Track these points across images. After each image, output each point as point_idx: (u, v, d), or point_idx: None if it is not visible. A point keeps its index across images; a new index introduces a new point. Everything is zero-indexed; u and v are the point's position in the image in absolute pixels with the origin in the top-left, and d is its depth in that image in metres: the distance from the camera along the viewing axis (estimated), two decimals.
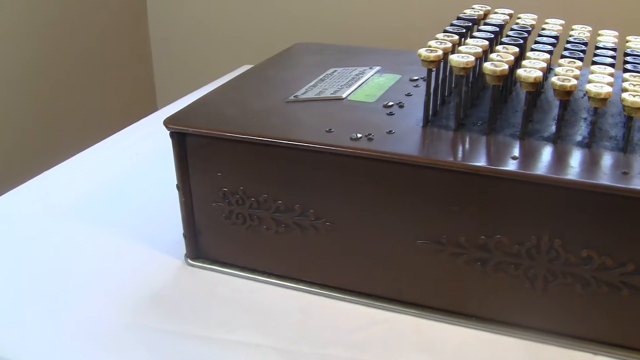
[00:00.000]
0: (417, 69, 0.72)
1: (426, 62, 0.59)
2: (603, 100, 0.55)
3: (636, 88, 0.57)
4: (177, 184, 0.65)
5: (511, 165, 0.54)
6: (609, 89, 0.56)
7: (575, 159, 0.55)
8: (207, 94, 0.71)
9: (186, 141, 0.63)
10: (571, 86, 0.56)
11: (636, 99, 0.54)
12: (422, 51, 0.59)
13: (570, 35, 0.71)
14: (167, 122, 0.62)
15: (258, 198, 0.62)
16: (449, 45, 0.62)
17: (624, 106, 0.55)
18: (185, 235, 0.67)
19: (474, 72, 0.65)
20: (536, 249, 0.55)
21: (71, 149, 0.94)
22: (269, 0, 1.44)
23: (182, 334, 0.59)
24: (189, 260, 0.68)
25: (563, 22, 0.74)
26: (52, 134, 1.37)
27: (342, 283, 0.63)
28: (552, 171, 0.53)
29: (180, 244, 0.68)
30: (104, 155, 0.93)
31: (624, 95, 0.55)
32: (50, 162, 0.90)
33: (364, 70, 0.75)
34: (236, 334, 0.59)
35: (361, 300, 0.62)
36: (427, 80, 0.60)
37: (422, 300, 0.61)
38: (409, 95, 0.68)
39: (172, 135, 0.63)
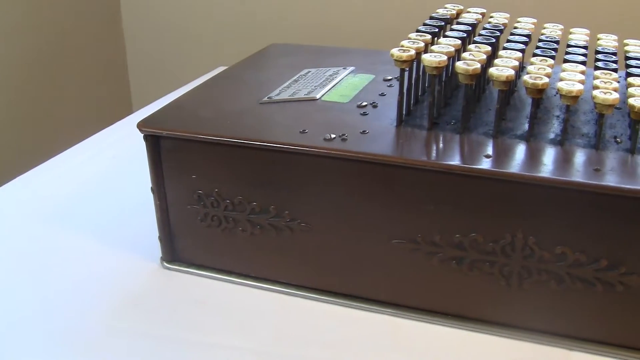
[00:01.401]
0: (390, 69, 0.73)
1: (399, 61, 0.59)
2: (574, 98, 0.56)
3: (607, 85, 0.57)
4: (151, 187, 0.65)
5: (485, 164, 0.54)
6: (580, 86, 0.56)
7: (548, 156, 0.56)
8: (181, 96, 0.70)
9: (160, 144, 0.62)
10: (543, 84, 0.56)
11: (607, 96, 0.55)
12: (395, 51, 0.59)
13: (542, 34, 0.71)
14: (141, 125, 0.62)
15: (233, 200, 0.62)
16: (422, 44, 0.62)
17: (595, 103, 0.56)
18: (160, 239, 0.67)
19: (447, 72, 0.65)
20: (511, 246, 0.55)
21: (46, 153, 0.93)
22: (244, 1, 1.44)
23: (159, 337, 0.59)
24: (164, 264, 0.68)
25: (535, 20, 0.74)
26: (27, 137, 1.36)
27: (318, 284, 0.63)
28: (525, 169, 0.54)
29: (156, 247, 0.68)
30: (79, 159, 0.92)
31: (595, 92, 0.56)
32: (25, 165, 0.89)
33: (338, 70, 0.76)
34: (213, 337, 0.59)
35: (337, 300, 0.63)
36: (400, 80, 0.60)
37: (399, 299, 0.61)
38: (382, 95, 0.68)
39: (145, 138, 0.62)
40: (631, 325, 0.56)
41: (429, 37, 0.64)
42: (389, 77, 0.73)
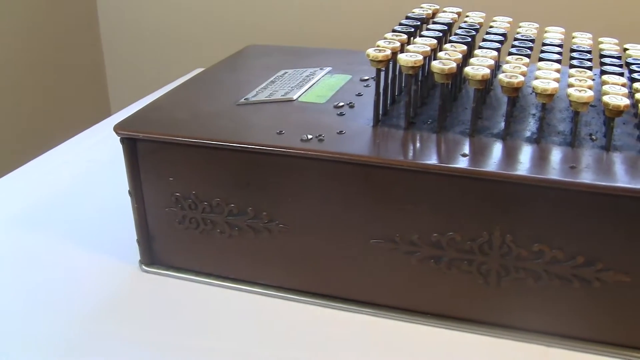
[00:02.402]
0: (367, 69, 0.73)
1: (375, 62, 0.59)
2: (550, 96, 0.56)
3: (582, 83, 0.57)
4: (129, 190, 0.64)
5: (461, 163, 0.54)
6: (555, 84, 0.56)
7: (524, 154, 0.56)
8: (158, 98, 0.70)
9: (137, 147, 0.62)
10: (518, 83, 0.56)
11: (581, 94, 0.55)
12: (371, 51, 0.59)
13: (518, 33, 0.71)
14: (117, 128, 0.62)
15: (211, 202, 0.62)
16: (398, 44, 0.62)
17: (570, 101, 0.56)
18: (138, 242, 0.67)
19: (423, 71, 0.65)
20: (488, 244, 0.56)
21: (24, 157, 0.93)
22: (221, 3, 1.44)
23: (138, 341, 0.58)
24: (143, 267, 0.68)
25: (511, 20, 0.74)
26: (4, 140, 1.35)
27: (297, 284, 0.63)
28: (501, 167, 0.54)
29: (134, 250, 0.68)
30: (57, 162, 0.92)
31: (570, 90, 0.56)
32: (3, 169, 0.89)
33: (315, 71, 0.76)
34: (193, 339, 0.59)
35: (317, 301, 0.62)
36: (377, 80, 0.60)
37: (378, 299, 0.61)
38: (359, 95, 0.68)
39: (122, 141, 0.62)
40: (608, 320, 0.56)
41: (405, 36, 0.64)
42: (366, 77, 0.73)
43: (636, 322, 0.55)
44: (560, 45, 0.68)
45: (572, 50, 0.68)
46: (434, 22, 0.71)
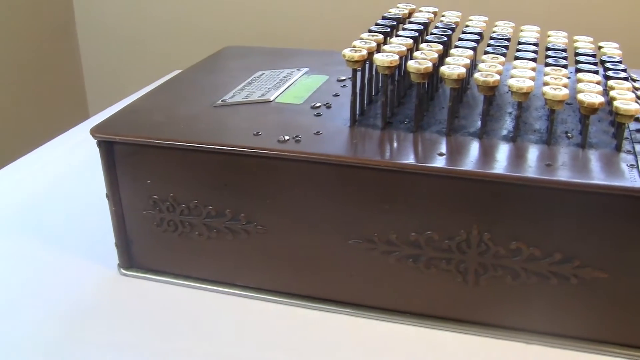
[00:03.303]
0: (344, 70, 0.73)
1: (351, 62, 0.59)
2: (525, 94, 0.56)
3: (557, 82, 0.58)
4: (106, 193, 0.64)
5: (438, 162, 0.55)
6: (531, 83, 0.57)
7: (501, 153, 0.56)
8: (134, 101, 0.70)
9: (114, 150, 0.62)
10: (494, 82, 0.57)
11: (557, 92, 0.56)
12: (347, 51, 0.60)
13: (494, 32, 0.72)
14: (94, 131, 0.61)
15: (189, 204, 0.61)
16: (374, 44, 0.62)
17: (545, 100, 0.56)
18: (117, 245, 0.66)
19: (400, 71, 0.65)
20: (466, 243, 0.56)
21: (1, 160, 0.92)
22: (199, 5, 1.43)
23: (118, 345, 0.58)
24: (122, 270, 0.67)
25: (486, 19, 0.75)
26: None
27: (276, 286, 0.63)
28: (478, 166, 0.54)
29: (112, 254, 0.67)
30: (35, 166, 0.91)
31: (545, 88, 0.56)
32: None
33: (292, 72, 0.76)
34: (172, 342, 0.58)
35: (296, 302, 0.62)
36: (353, 80, 0.60)
37: (357, 299, 0.61)
38: (336, 95, 0.68)
39: (99, 144, 0.62)
40: (586, 317, 0.56)
41: (381, 36, 0.64)
42: (343, 78, 0.73)
43: (614, 317, 0.56)
44: (535, 44, 0.68)
45: (548, 49, 0.68)
46: (410, 22, 0.71)
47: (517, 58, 0.64)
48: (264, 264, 0.62)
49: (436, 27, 0.70)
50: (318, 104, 0.66)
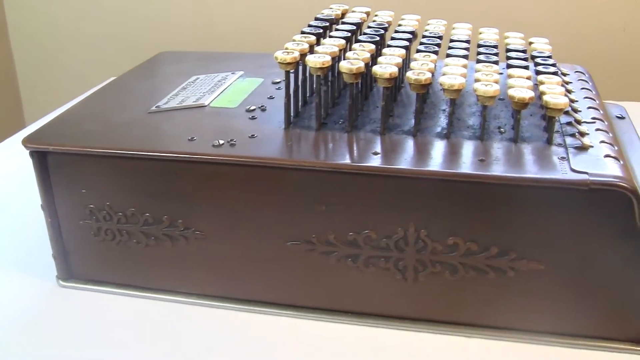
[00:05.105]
0: (279, 72, 0.72)
1: (283, 64, 0.59)
2: (457, 91, 0.57)
3: (488, 78, 0.58)
4: (41, 204, 0.63)
5: (373, 161, 0.55)
6: (462, 80, 0.57)
7: (435, 150, 0.57)
8: (68, 109, 0.69)
9: (47, 160, 0.61)
10: (426, 79, 0.57)
11: (488, 88, 0.56)
12: (279, 53, 0.60)
13: (426, 30, 0.72)
14: (26, 142, 0.60)
15: (125, 212, 0.61)
16: (306, 46, 0.62)
17: (477, 96, 0.57)
18: (54, 256, 0.65)
19: (334, 72, 0.65)
20: (404, 240, 0.56)
21: None
22: (135, 11, 1.42)
23: (58, 358, 0.57)
24: (60, 282, 0.66)
25: (419, 17, 0.75)
26: None
27: (217, 291, 0.63)
28: (413, 164, 0.55)
29: (50, 266, 0.66)
30: None
31: (477, 85, 0.57)
32: None
33: (227, 75, 0.75)
34: (114, 353, 0.58)
35: (238, 306, 0.62)
36: (286, 82, 0.60)
37: (298, 300, 0.61)
38: (271, 98, 0.68)
39: (32, 154, 0.61)
40: (524, 308, 0.57)
41: (313, 38, 0.65)
42: (278, 80, 0.73)
43: (550, 308, 0.57)
44: (467, 41, 0.69)
45: (479, 46, 0.69)
46: (343, 23, 0.71)
47: (449, 55, 0.65)
48: (204, 269, 0.62)
49: (369, 27, 0.70)
50: (253, 107, 0.65)
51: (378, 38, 0.67)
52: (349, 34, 0.67)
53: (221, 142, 0.58)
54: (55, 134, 0.63)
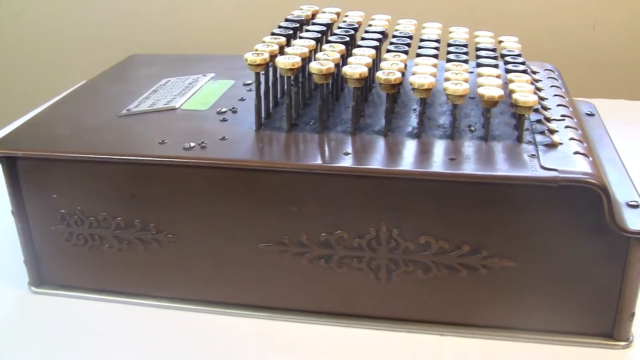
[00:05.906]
0: (250, 74, 0.72)
1: (253, 65, 0.59)
2: (427, 90, 0.57)
3: (458, 77, 0.59)
4: (12, 210, 0.62)
5: (344, 161, 0.55)
6: (432, 79, 0.58)
7: (406, 149, 0.57)
8: (37, 114, 0.69)
9: (17, 165, 0.60)
10: (395, 79, 0.57)
11: (457, 87, 0.57)
12: (249, 55, 0.59)
13: (396, 30, 0.72)
14: None
15: (97, 217, 0.60)
16: (276, 47, 0.62)
17: (447, 95, 0.57)
18: (26, 263, 0.65)
19: (304, 73, 0.65)
20: (376, 240, 0.56)
21: None
22: (105, 14, 1.41)
23: None
24: (32, 288, 0.66)
25: (389, 17, 0.75)
26: None
27: (190, 294, 0.63)
28: (384, 163, 0.55)
29: (22, 272, 0.66)
30: None
31: (446, 84, 0.57)
32: None
33: (198, 78, 0.75)
34: (86, 358, 0.57)
35: (211, 309, 0.62)
36: (256, 83, 0.60)
37: (272, 302, 0.61)
38: (242, 100, 0.68)
39: (1, 160, 0.60)
40: (497, 305, 0.58)
41: (283, 39, 0.65)
42: (249, 82, 0.72)
43: (522, 304, 0.57)
44: (437, 41, 0.70)
45: (450, 45, 0.69)
46: (313, 23, 0.71)
47: (419, 55, 0.65)
48: (177, 272, 0.62)
49: (339, 28, 0.71)
50: (224, 109, 0.65)
51: (348, 38, 0.67)
52: (319, 35, 0.67)
53: (192, 144, 0.58)
54: (24, 138, 0.62)
